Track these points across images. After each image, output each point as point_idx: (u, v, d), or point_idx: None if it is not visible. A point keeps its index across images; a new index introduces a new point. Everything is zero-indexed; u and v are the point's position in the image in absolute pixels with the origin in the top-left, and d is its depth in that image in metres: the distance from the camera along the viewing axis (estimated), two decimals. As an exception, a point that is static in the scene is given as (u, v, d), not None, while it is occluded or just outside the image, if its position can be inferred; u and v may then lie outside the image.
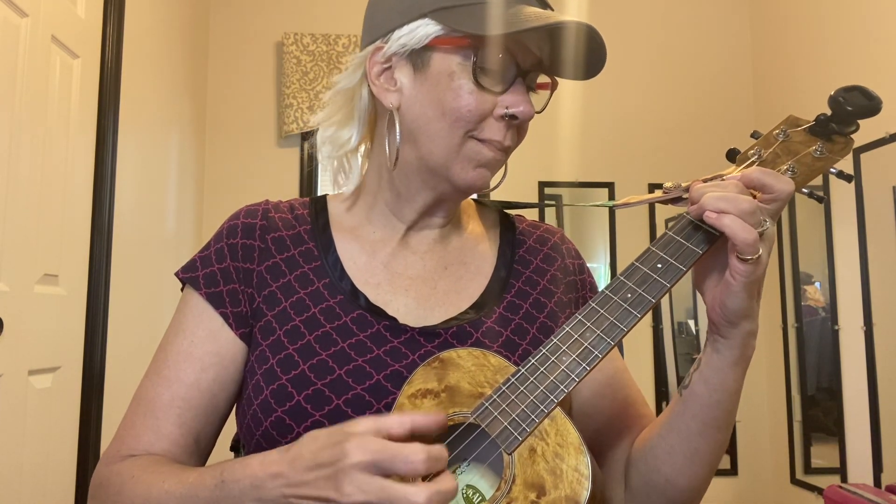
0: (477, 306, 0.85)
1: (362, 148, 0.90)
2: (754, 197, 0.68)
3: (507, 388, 0.66)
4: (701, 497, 0.79)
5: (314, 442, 0.62)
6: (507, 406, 0.65)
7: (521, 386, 0.66)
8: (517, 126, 0.82)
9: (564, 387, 0.64)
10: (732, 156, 0.76)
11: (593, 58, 0.80)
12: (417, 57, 0.80)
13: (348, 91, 0.86)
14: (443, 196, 0.85)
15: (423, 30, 0.79)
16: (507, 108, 0.79)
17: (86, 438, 2.18)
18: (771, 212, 0.68)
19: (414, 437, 0.60)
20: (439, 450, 0.58)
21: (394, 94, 0.82)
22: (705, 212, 0.66)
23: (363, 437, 0.58)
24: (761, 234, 0.65)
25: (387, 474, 0.57)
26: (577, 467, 0.62)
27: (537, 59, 0.81)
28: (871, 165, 2.67)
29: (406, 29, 0.79)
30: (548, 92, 0.85)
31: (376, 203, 0.88)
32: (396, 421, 0.60)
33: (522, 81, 0.80)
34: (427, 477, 0.59)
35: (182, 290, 0.88)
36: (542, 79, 0.84)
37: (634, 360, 3.30)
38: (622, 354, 0.97)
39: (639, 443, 0.81)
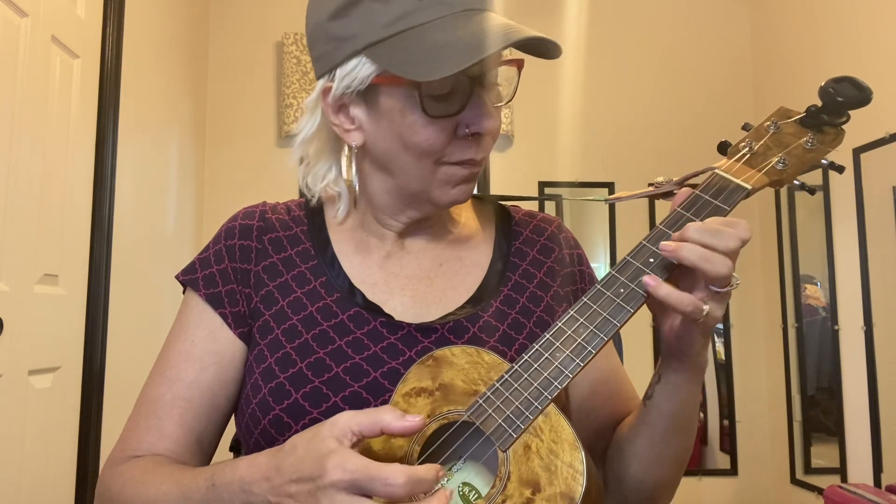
0: (473, 301, 0.85)
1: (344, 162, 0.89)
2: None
3: (500, 386, 0.66)
4: (672, 491, 0.81)
5: (294, 452, 0.62)
6: (501, 403, 0.65)
7: (515, 383, 0.66)
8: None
9: (558, 383, 0.64)
10: (724, 148, 0.76)
11: (544, 47, 0.74)
12: (367, 94, 0.78)
13: (312, 133, 0.85)
14: (428, 212, 0.86)
15: (362, 70, 0.75)
16: (468, 127, 0.76)
17: (86, 438, 2.17)
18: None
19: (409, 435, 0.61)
20: (425, 471, 0.57)
21: (355, 132, 0.80)
22: (678, 258, 0.65)
23: (342, 454, 0.58)
24: (732, 289, 0.64)
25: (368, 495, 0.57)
26: (572, 463, 0.62)
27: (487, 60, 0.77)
28: (871, 165, 2.67)
29: (347, 68, 0.76)
30: (514, 69, 0.81)
31: (366, 214, 0.88)
32: (368, 424, 0.60)
33: (479, 90, 0.76)
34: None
35: (184, 292, 0.89)
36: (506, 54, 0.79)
37: (634, 360, 3.28)
38: (622, 353, 0.97)
39: (615, 440, 0.83)
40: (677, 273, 0.67)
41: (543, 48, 0.74)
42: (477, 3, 0.75)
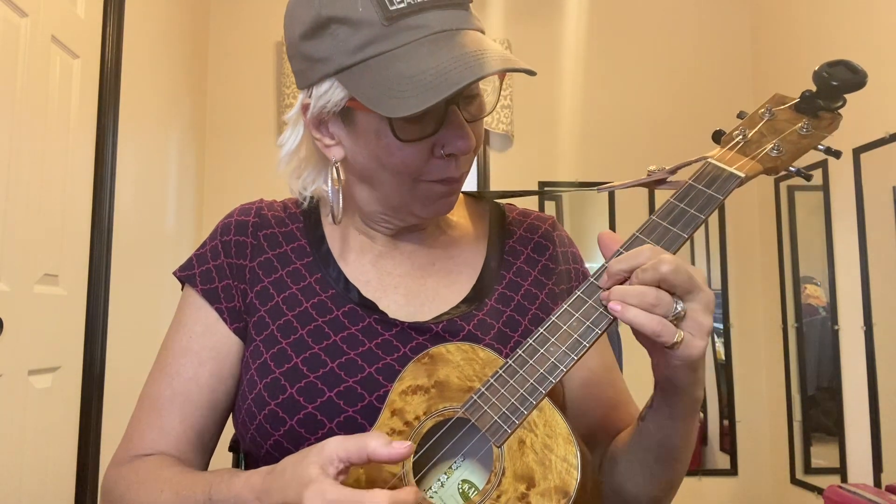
0: (468, 300, 0.85)
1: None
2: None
3: (495, 381, 0.66)
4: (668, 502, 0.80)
5: (283, 475, 0.62)
6: (496, 399, 0.65)
7: (510, 378, 0.66)
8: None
9: (553, 378, 0.64)
10: (718, 137, 0.75)
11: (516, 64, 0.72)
12: (344, 114, 0.78)
13: (297, 146, 0.85)
14: (413, 223, 0.86)
15: (335, 93, 0.75)
16: (443, 147, 0.76)
17: (86, 438, 2.18)
18: (680, 289, 0.62)
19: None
20: (406, 494, 0.58)
21: (336, 147, 0.81)
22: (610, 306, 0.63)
23: (321, 483, 0.58)
24: (675, 318, 0.61)
25: None
26: (566, 457, 0.62)
27: None
28: (871, 165, 2.67)
29: (321, 89, 0.76)
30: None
31: (354, 216, 0.89)
32: (355, 450, 0.60)
33: (455, 108, 0.75)
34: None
35: (182, 289, 0.90)
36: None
37: (635, 361, 3.28)
38: (621, 358, 0.97)
39: (611, 451, 0.82)
40: None
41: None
42: (448, 23, 0.72)
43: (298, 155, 0.86)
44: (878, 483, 2.58)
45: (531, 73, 0.71)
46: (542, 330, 0.67)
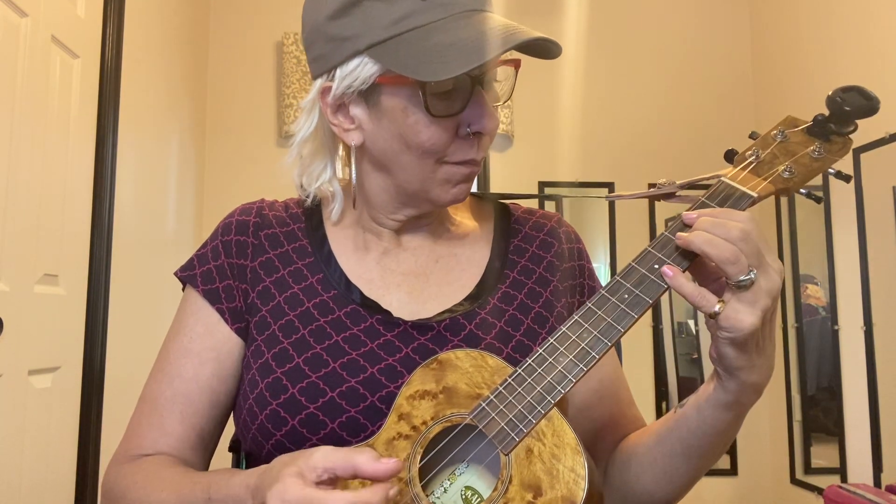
0: (471, 298, 0.85)
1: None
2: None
3: (504, 389, 0.67)
4: None
5: (269, 473, 0.62)
6: (504, 407, 0.66)
7: (519, 387, 0.66)
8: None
9: (561, 388, 0.64)
10: (730, 157, 0.76)
11: (545, 47, 0.75)
12: (368, 94, 0.78)
13: (310, 133, 0.85)
14: (426, 210, 0.86)
15: (364, 70, 0.76)
16: (469, 126, 0.77)
17: (86, 438, 2.17)
18: (748, 251, 0.63)
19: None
20: (370, 494, 0.57)
21: (354, 132, 0.81)
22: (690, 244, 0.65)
23: (285, 483, 0.58)
24: (747, 284, 0.62)
25: None
26: (574, 468, 0.62)
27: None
28: (871, 165, 2.67)
29: (348, 68, 0.76)
30: (511, 68, 0.81)
31: (362, 213, 0.89)
32: (342, 463, 0.59)
33: (480, 89, 0.77)
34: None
35: (183, 289, 0.90)
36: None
37: (634, 360, 3.30)
38: (620, 358, 0.97)
39: (627, 446, 0.82)
40: (695, 271, 0.68)
41: (544, 48, 0.75)
42: (478, 4, 0.76)
43: (305, 149, 0.87)
44: (878, 483, 2.58)
45: (558, 49, 0.75)
46: (552, 339, 0.67)
